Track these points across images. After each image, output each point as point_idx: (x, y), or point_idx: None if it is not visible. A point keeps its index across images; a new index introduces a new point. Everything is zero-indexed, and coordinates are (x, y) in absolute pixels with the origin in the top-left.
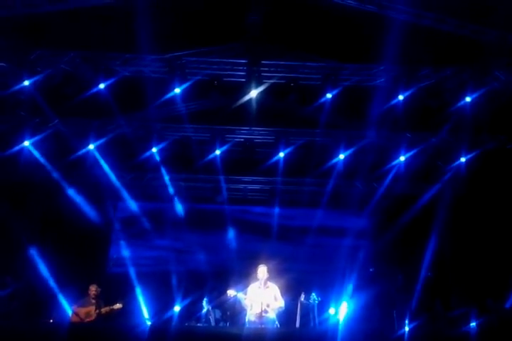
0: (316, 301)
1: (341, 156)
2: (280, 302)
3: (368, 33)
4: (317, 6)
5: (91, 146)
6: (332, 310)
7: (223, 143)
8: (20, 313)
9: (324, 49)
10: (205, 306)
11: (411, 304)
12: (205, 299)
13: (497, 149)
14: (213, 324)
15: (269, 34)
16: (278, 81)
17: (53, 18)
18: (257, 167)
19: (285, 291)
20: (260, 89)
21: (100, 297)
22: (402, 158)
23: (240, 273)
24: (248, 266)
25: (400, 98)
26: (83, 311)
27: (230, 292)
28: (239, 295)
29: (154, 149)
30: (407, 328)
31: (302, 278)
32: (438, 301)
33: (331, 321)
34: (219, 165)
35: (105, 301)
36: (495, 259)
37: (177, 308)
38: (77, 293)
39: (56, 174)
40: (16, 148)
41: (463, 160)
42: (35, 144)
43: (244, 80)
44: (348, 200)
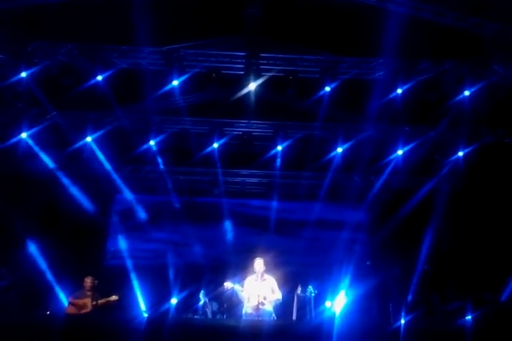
0: (313, 294)
1: (339, 150)
2: (277, 294)
3: (367, 26)
4: None
5: (88, 138)
6: (328, 303)
7: (221, 136)
8: (16, 305)
9: (323, 42)
10: (202, 298)
11: (407, 297)
12: (202, 291)
13: (495, 143)
14: (210, 316)
15: (268, 27)
16: (276, 74)
17: (51, 10)
18: (255, 160)
19: (282, 284)
20: (259, 82)
21: (97, 289)
22: (400, 152)
23: (237, 265)
24: (245, 259)
25: (399, 91)
26: (79, 303)
27: (227, 284)
28: (236, 287)
29: (152, 142)
30: (403, 321)
31: (299, 271)
32: (435, 294)
33: (328, 314)
34: (217, 158)
35: (102, 293)
36: (492, 253)
37: (174, 301)
38: (74, 285)
39: (54, 166)
40: (14, 140)
41: (461, 154)
42: (32, 136)
43: (242, 73)
44: (346, 194)
